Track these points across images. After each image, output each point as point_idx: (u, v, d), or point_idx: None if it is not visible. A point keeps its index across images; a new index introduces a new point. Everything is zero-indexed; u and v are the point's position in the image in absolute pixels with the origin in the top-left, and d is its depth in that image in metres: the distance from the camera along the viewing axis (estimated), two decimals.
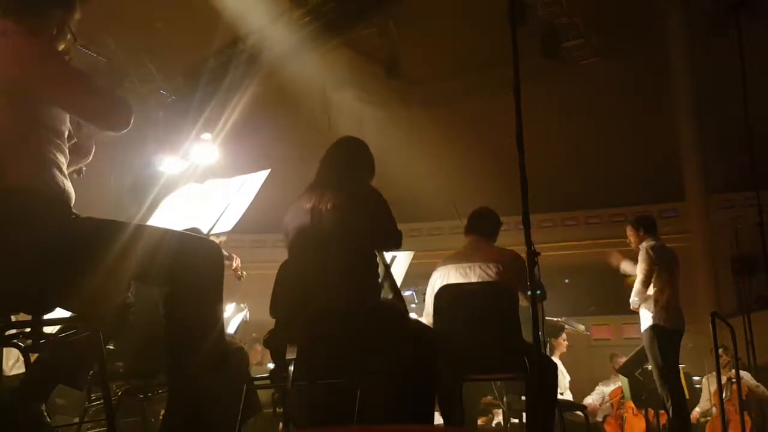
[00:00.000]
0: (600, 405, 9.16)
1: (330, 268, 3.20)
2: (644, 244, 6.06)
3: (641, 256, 6.01)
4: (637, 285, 5.97)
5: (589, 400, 9.15)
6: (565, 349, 8.01)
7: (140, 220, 3.38)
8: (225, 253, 5.29)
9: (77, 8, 2.56)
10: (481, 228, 4.68)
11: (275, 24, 10.47)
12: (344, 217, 3.28)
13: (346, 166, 3.54)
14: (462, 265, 4.45)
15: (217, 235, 3.72)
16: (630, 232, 6.25)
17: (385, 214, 3.36)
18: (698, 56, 14.11)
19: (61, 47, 2.54)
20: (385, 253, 4.37)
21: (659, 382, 5.86)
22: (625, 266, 6.39)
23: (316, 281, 3.21)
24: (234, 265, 5.47)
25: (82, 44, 9.46)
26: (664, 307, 5.87)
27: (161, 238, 2.38)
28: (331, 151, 3.63)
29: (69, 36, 2.55)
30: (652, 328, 5.87)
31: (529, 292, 3.41)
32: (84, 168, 2.73)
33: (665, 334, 5.84)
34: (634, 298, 6.01)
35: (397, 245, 3.46)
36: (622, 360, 8.47)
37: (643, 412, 7.27)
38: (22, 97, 2.30)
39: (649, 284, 5.93)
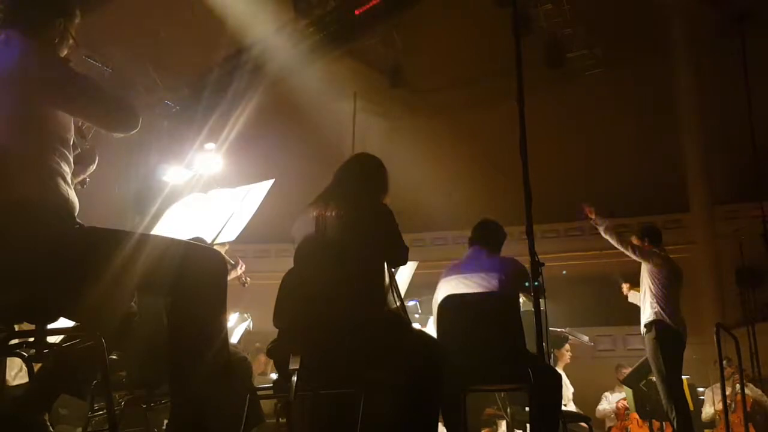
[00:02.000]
0: (611, 412, 9.24)
1: (334, 277, 3.19)
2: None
3: (654, 265, 5.98)
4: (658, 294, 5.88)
5: (605, 406, 9.24)
6: (568, 360, 7.98)
7: (144, 230, 3.38)
8: (231, 260, 5.29)
9: (77, 14, 2.59)
10: (485, 239, 4.67)
11: (279, 34, 10.51)
12: (349, 226, 3.26)
13: (357, 180, 3.51)
14: (464, 275, 4.44)
15: (222, 244, 3.72)
16: (635, 242, 6.23)
17: (393, 230, 3.34)
18: (702, 67, 14.12)
19: (64, 53, 2.56)
20: None
21: (663, 393, 5.82)
22: (633, 297, 6.34)
23: (321, 290, 3.19)
24: (239, 271, 5.45)
25: (87, 54, 9.51)
26: (669, 315, 5.84)
27: (165, 247, 2.38)
28: (345, 165, 3.60)
29: (71, 41, 2.57)
30: (653, 324, 5.80)
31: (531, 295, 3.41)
32: (87, 179, 2.74)
33: (668, 334, 5.77)
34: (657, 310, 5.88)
35: (403, 261, 3.44)
36: (627, 371, 8.46)
37: (648, 423, 7.24)
38: (28, 107, 2.31)
39: (672, 292, 5.87)
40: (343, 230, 3.26)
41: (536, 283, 3.33)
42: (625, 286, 6.65)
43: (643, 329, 6.00)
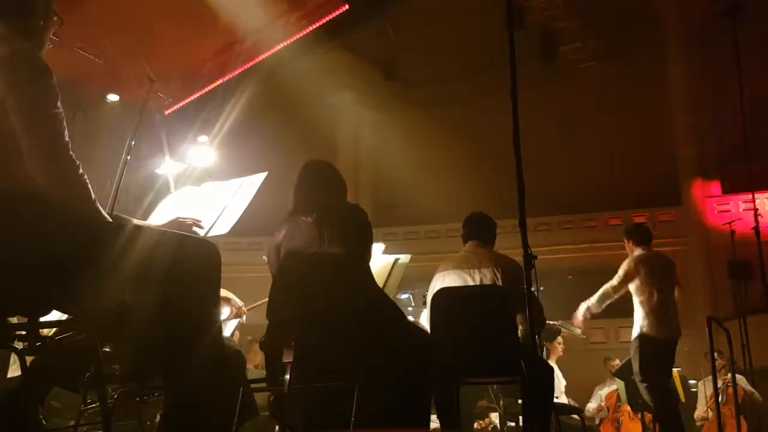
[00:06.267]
0: (601, 409, 9.23)
1: (328, 272, 3.22)
2: (635, 254, 6.11)
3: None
4: (606, 286, 6.06)
5: (594, 405, 9.23)
6: (561, 353, 8.00)
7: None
8: (238, 302, 5.28)
9: None
10: (480, 234, 4.67)
11: (272, 27, 10.48)
12: (341, 223, 3.32)
13: (333, 187, 3.74)
14: (463, 270, 4.44)
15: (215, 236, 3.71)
16: (625, 242, 6.32)
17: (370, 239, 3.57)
18: (694, 59, 14.15)
19: (51, 32, 2.51)
20: (386, 255, 4.44)
21: (640, 388, 5.86)
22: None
23: (313, 284, 3.21)
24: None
25: (78, 47, 9.47)
26: (654, 313, 5.86)
27: (158, 239, 2.38)
28: (305, 175, 3.79)
29: (55, 18, 2.53)
30: (638, 338, 5.91)
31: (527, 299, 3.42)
32: None
33: (649, 343, 5.83)
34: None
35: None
36: (616, 363, 8.48)
37: (639, 415, 7.27)
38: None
39: (620, 289, 6.02)
40: (340, 231, 3.32)
41: (533, 290, 3.32)
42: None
43: (633, 332, 6.06)
